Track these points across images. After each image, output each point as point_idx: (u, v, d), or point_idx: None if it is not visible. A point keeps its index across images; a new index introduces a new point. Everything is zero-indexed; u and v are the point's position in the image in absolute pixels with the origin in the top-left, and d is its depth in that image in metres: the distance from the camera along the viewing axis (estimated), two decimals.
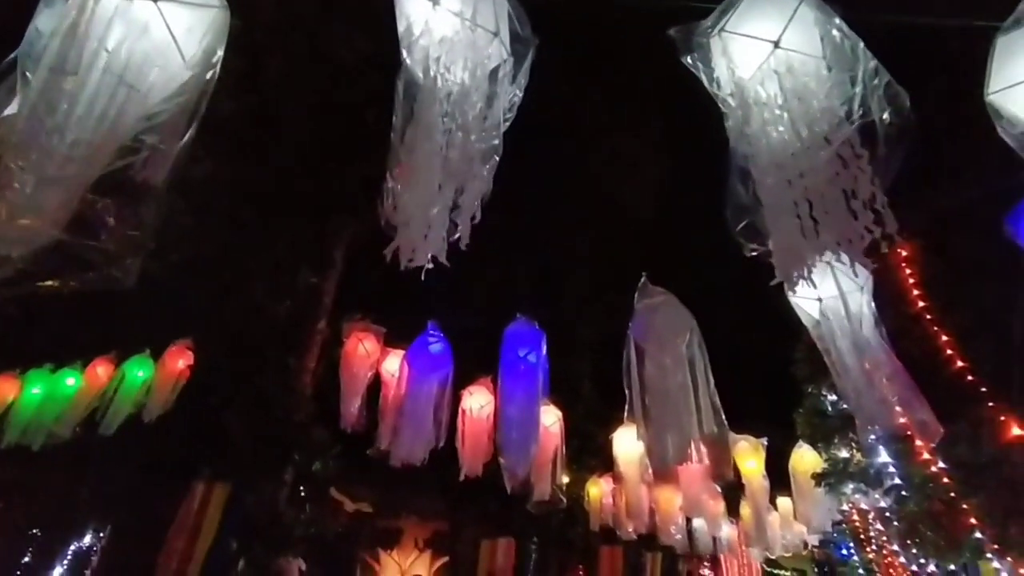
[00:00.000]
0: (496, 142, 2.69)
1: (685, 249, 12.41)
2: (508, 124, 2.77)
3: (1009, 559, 6.06)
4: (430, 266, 2.48)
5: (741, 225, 2.47)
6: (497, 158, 2.69)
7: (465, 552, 11.54)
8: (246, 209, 6.90)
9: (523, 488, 6.21)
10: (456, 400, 6.70)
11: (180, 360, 7.61)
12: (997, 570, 6.80)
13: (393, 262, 2.54)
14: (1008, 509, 5.73)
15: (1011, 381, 5.71)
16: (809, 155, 2.26)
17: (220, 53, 2.59)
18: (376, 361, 6.89)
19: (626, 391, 4.26)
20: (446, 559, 14.37)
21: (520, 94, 2.82)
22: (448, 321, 6.81)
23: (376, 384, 7.03)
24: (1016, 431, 5.43)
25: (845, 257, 3.41)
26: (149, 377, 7.63)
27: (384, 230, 2.45)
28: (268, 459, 6.15)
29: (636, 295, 4.67)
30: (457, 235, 2.47)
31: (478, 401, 6.72)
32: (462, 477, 6.39)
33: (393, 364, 6.85)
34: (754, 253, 2.47)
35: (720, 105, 2.57)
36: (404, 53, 2.67)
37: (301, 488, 6.95)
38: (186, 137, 2.53)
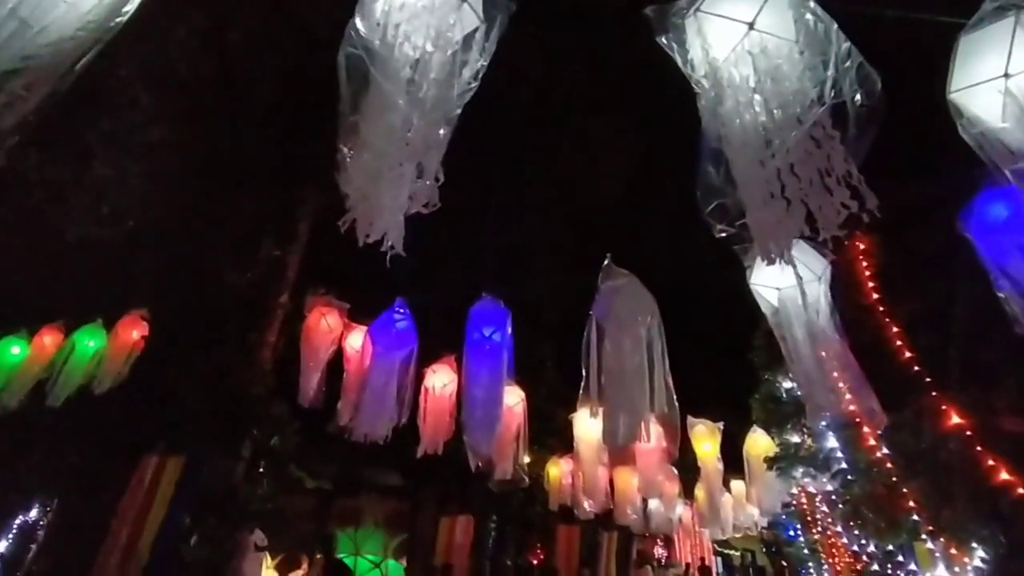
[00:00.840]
0: (456, 112, 2.62)
1: (653, 233, 12.55)
2: (471, 95, 2.69)
3: (942, 540, 6.39)
4: (389, 244, 2.42)
5: (711, 206, 2.48)
6: (451, 128, 2.62)
7: (424, 529, 11.59)
8: (207, 176, 6.67)
9: (485, 467, 6.24)
10: (419, 378, 6.67)
11: (134, 331, 7.35)
12: (931, 551, 7.17)
13: (351, 235, 2.49)
14: (943, 494, 6.02)
15: (954, 372, 5.96)
16: (782, 135, 2.27)
17: (130, 8, 2.38)
18: (339, 336, 6.79)
19: (583, 370, 4.30)
20: (406, 535, 14.44)
21: (485, 64, 2.73)
22: (413, 298, 6.75)
23: (339, 360, 6.95)
24: (955, 420, 5.68)
25: (809, 242, 3.49)
26: (101, 347, 7.36)
27: (344, 202, 2.39)
28: (225, 433, 6.03)
29: (600, 276, 4.70)
30: (421, 208, 2.40)
31: (441, 379, 6.70)
32: (421, 454, 6.37)
33: (356, 340, 6.77)
34: (723, 234, 2.49)
35: (694, 86, 2.57)
36: (357, 19, 2.54)
37: (259, 464, 6.86)
38: (51, 88, 2.29)
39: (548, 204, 12.37)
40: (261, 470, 6.87)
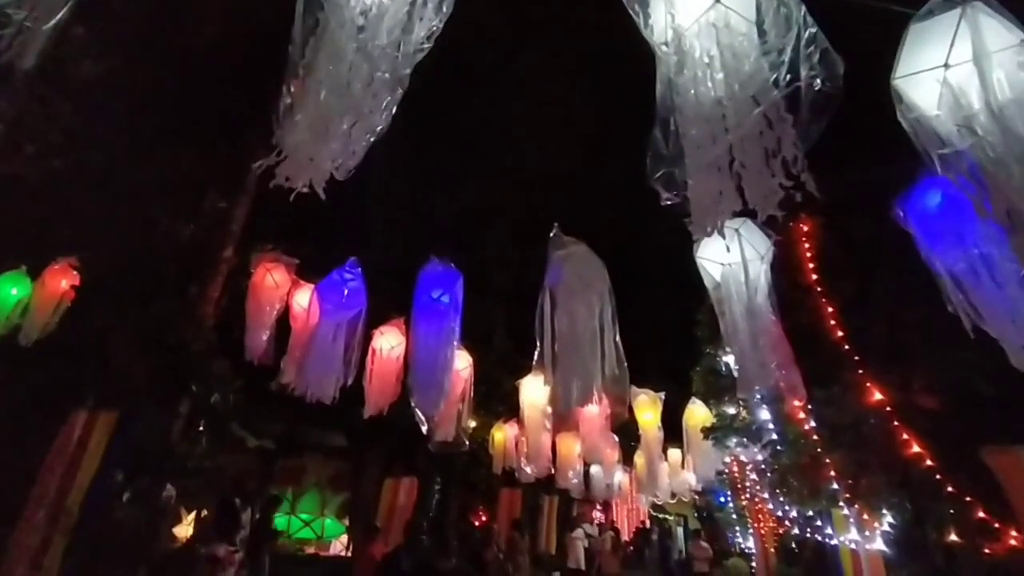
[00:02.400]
0: (406, 72, 2.55)
1: (607, 204, 12.65)
2: (422, 56, 2.62)
3: (857, 506, 6.85)
4: (305, 189, 2.38)
5: (659, 174, 2.50)
6: (402, 91, 2.55)
7: (367, 490, 11.64)
8: (147, 118, 6.28)
9: (434, 429, 6.27)
10: (367, 339, 6.60)
11: (63, 279, 6.96)
12: (846, 516, 7.69)
13: (291, 189, 2.44)
14: (861, 464, 6.43)
15: (878, 352, 6.31)
16: (736, 113, 2.30)
17: None
18: (286, 294, 6.62)
19: (537, 338, 4.36)
20: (349, 496, 14.48)
21: (440, 25, 2.65)
22: (364, 258, 6.63)
23: (285, 317, 6.80)
24: (876, 396, 6.04)
25: (755, 222, 3.57)
26: (25, 296, 6.95)
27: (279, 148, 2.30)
28: (161, 389, 5.83)
29: (549, 245, 4.73)
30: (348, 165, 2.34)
31: (389, 341, 6.65)
32: (367, 416, 6.35)
33: (304, 298, 6.62)
34: (668, 203, 2.52)
35: (656, 50, 2.56)
36: None
37: (199, 421, 6.68)
38: (59, 17, 2.17)
39: (504, 170, 12.28)
40: (200, 428, 6.70)
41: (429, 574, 4.40)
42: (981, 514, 4.78)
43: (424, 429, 5.61)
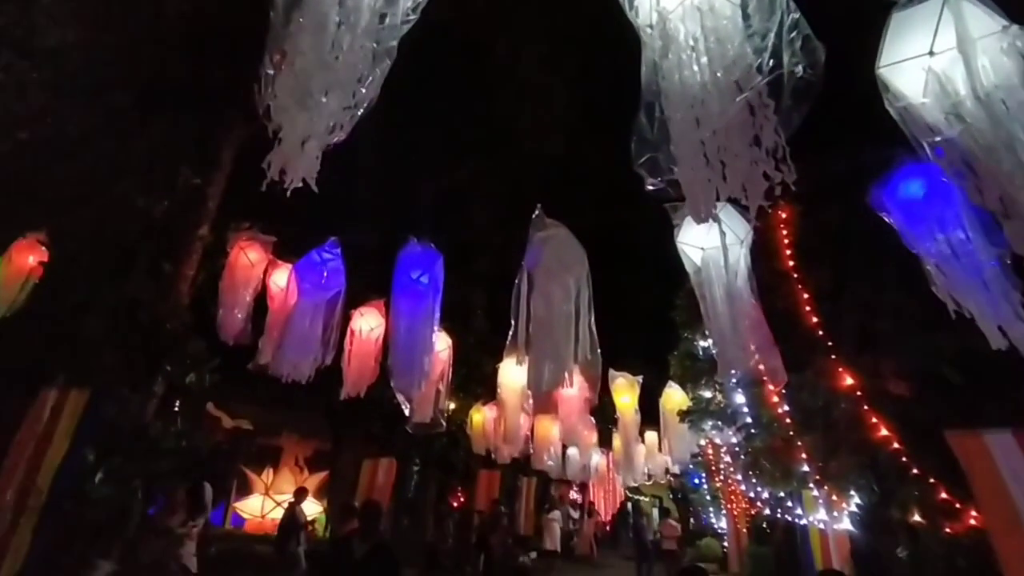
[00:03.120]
0: (392, 44, 2.49)
1: (589, 188, 12.65)
2: (408, 27, 2.56)
3: (826, 488, 7.03)
4: (299, 180, 2.33)
5: (643, 159, 2.49)
6: (389, 63, 2.49)
7: (346, 471, 11.64)
8: (117, 89, 6.08)
9: (416, 409, 6.27)
10: (345, 320, 6.55)
11: (30, 255, 6.76)
12: (816, 497, 7.89)
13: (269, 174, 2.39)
14: (831, 447, 6.59)
15: (851, 338, 6.43)
16: (719, 98, 2.30)
17: None
18: (263, 272, 6.53)
19: (512, 319, 4.36)
20: (326, 475, 14.49)
21: None
22: (343, 238, 6.56)
23: (262, 297, 6.71)
24: (848, 381, 6.16)
25: (735, 207, 3.60)
26: None
27: (262, 120, 2.24)
28: (134, 368, 5.72)
29: (530, 226, 4.72)
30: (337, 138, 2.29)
31: (368, 323, 6.61)
32: (343, 396, 6.32)
33: (281, 277, 6.55)
34: (651, 187, 2.51)
35: (640, 33, 2.53)
36: None
37: (175, 401, 6.59)
38: None
39: (486, 152, 12.18)
40: (176, 408, 6.61)
41: (384, 561, 4.07)
42: (943, 495, 4.93)
43: (405, 409, 5.61)
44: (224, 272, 6.42)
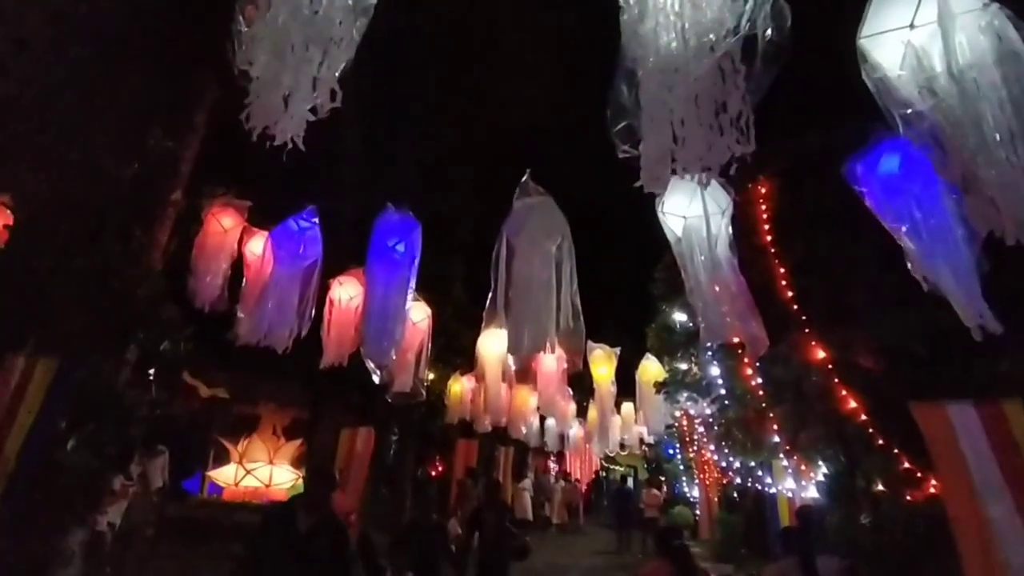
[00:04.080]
0: (370, 1, 2.41)
1: (569, 159, 12.60)
2: None
3: (795, 458, 7.24)
4: (288, 139, 2.25)
5: (619, 126, 2.47)
6: (366, 21, 2.41)
7: (324, 440, 11.66)
8: (84, 45, 5.82)
9: (387, 379, 6.28)
10: (324, 289, 6.49)
11: None
12: (785, 467, 8.13)
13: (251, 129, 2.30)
14: (802, 418, 6.77)
15: (824, 313, 6.55)
16: (692, 64, 2.27)
17: None
18: (238, 239, 6.42)
19: (492, 282, 4.36)
20: (303, 445, 14.52)
21: None
22: (322, 206, 6.46)
23: (238, 264, 6.61)
24: (819, 355, 6.29)
25: (717, 178, 3.60)
26: None
27: (238, 80, 2.16)
28: (105, 335, 5.60)
29: (516, 191, 4.69)
30: (319, 106, 2.22)
31: (347, 292, 6.55)
32: (324, 366, 6.30)
33: (257, 245, 6.44)
34: (625, 155, 2.49)
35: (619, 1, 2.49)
36: None
37: (149, 369, 6.50)
38: None
39: (468, 121, 12.01)
40: (150, 376, 6.52)
41: (332, 538, 3.59)
42: (906, 465, 5.10)
43: (375, 378, 5.61)
44: (197, 238, 6.29)
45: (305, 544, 3.46)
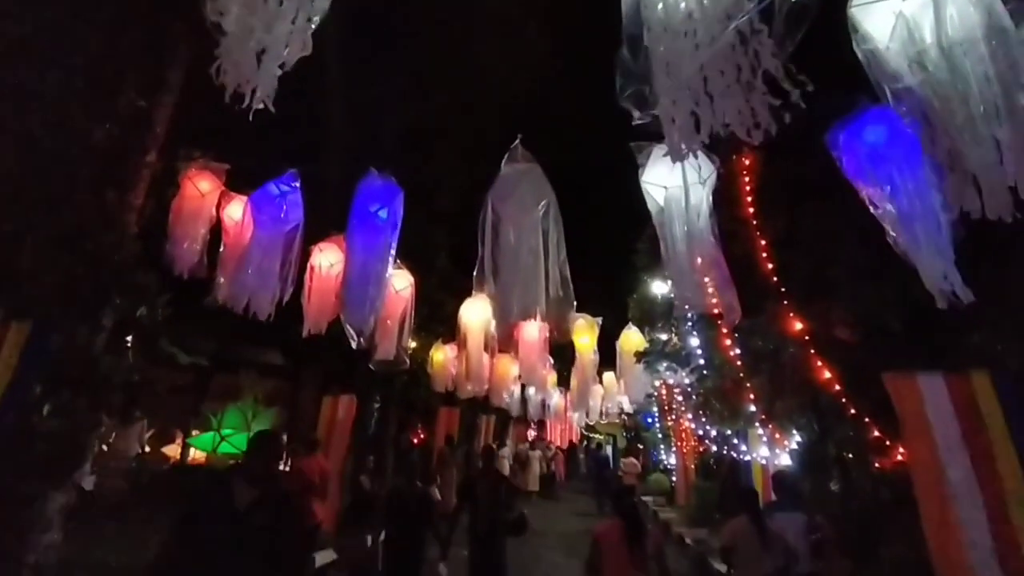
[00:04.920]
0: None
1: (556, 129, 12.46)
2: None
3: (770, 426, 7.42)
4: (259, 99, 2.18)
5: (629, 92, 2.41)
6: None
7: (306, 408, 11.69)
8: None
9: (367, 346, 6.24)
10: (305, 256, 6.41)
11: None
12: (760, 435, 8.33)
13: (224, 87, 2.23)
14: (778, 388, 6.91)
15: (803, 286, 6.64)
16: (707, 27, 2.21)
17: None
18: (216, 203, 6.28)
19: (479, 249, 4.34)
20: (278, 410, 14.55)
21: None
22: (302, 171, 6.33)
23: (217, 229, 6.49)
24: (797, 326, 6.40)
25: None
26: None
27: (212, 34, 2.08)
28: (80, 300, 5.48)
29: (506, 157, 4.65)
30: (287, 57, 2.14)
31: (328, 259, 6.48)
32: (305, 334, 6.26)
33: (236, 210, 6.31)
34: (640, 122, 2.44)
35: None
36: None
37: (125, 335, 6.39)
38: None
39: (455, 88, 11.78)
40: (128, 343, 6.43)
41: (276, 514, 3.10)
42: (876, 433, 5.25)
43: (353, 344, 5.60)
44: (174, 202, 6.15)
45: (243, 521, 3.01)
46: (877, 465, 5.52)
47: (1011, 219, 2.19)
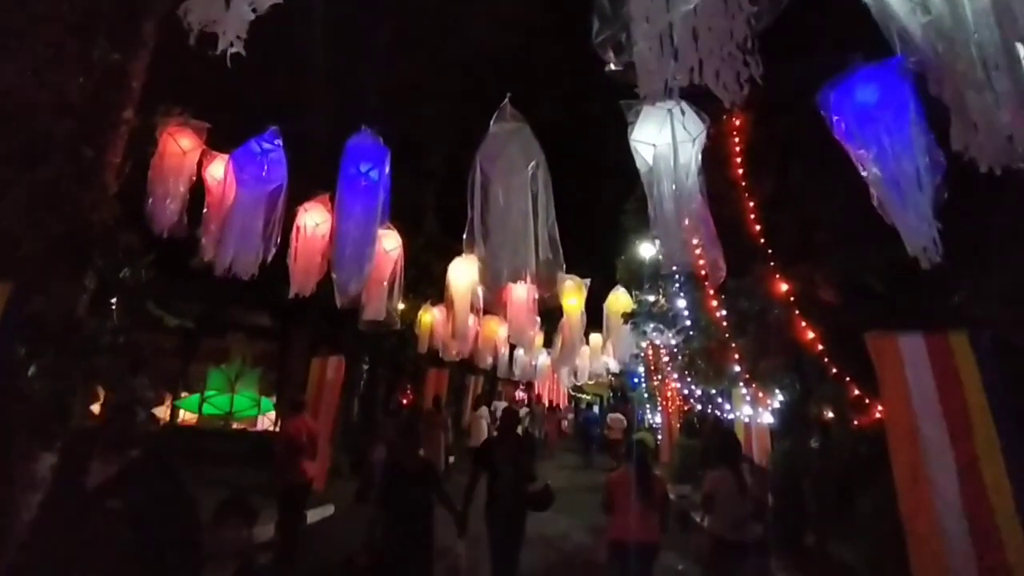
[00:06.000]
0: None
1: (545, 88, 12.24)
2: None
3: (754, 386, 7.56)
4: (228, 43, 2.10)
5: (603, 37, 2.35)
6: None
7: (294, 369, 11.73)
8: None
9: (352, 305, 6.20)
10: (291, 216, 6.33)
11: None
12: (743, 395, 8.51)
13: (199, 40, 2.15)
14: (762, 348, 7.02)
15: (790, 248, 6.67)
16: None
17: None
18: (196, 162, 6.15)
19: (468, 210, 4.31)
20: (272, 376, 14.61)
21: None
22: (286, 129, 6.20)
23: (199, 189, 6.37)
24: (783, 288, 6.45)
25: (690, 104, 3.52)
26: None
27: None
28: (59, 261, 5.39)
29: (494, 116, 4.57)
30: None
31: (314, 219, 6.40)
32: (292, 295, 6.23)
33: (218, 170, 6.19)
34: (612, 69, 2.40)
35: None
36: None
37: (109, 297, 6.32)
38: None
39: (443, 44, 11.48)
40: (113, 305, 6.36)
41: (143, 485, 2.60)
42: (856, 392, 5.37)
43: (339, 303, 5.58)
44: (153, 160, 6.00)
45: (100, 502, 2.54)
46: (856, 423, 5.66)
47: (1005, 169, 2.19)
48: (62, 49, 5.75)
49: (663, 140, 3.88)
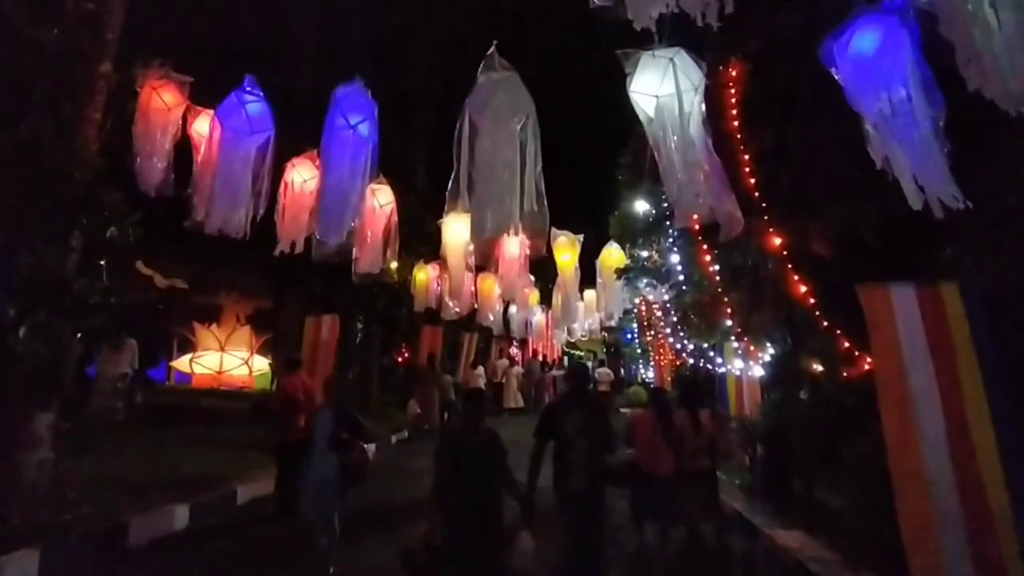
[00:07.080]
0: None
1: (539, 39, 11.91)
2: None
3: (745, 339, 7.64)
4: None
5: None
6: None
7: (288, 328, 11.73)
8: None
9: (330, 257, 6.07)
10: (279, 172, 6.21)
11: None
12: (735, 349, 8.60)
13: None
14: (755, 303, 7.05)
15: (784, 201, 6.62)
16: None
17: None
18: (180, 117, 5.99)
19: (455, 161, 4.22)
20: (269, 335, 14.63)
21: None
22: (275, 84, 6.03)
23: (185, 146, 6.23)
24: (776, 241, 6.43)
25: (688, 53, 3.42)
26: None
27: None
28: (44, 220, 5.30)
29: (482, 65, 4.42)
30: None
31: (302, 175, 6.28)
32: (278, 252, 6.15)
33: (204, 125, 6.04)
34: (599, 3, 2.32)
35: None
36: None
37: (97, 257, 6.24)
38: None
39: None
40: (102, 264, 6.29)
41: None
42: (846, 344, 5.42)
43: (314, 254, 5.54)
44: (136, 116, 5.84)
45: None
46: (845, 375, 5.74)
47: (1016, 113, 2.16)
48: (34, 0, 5.51)
49: (665, 90, 3.76)
